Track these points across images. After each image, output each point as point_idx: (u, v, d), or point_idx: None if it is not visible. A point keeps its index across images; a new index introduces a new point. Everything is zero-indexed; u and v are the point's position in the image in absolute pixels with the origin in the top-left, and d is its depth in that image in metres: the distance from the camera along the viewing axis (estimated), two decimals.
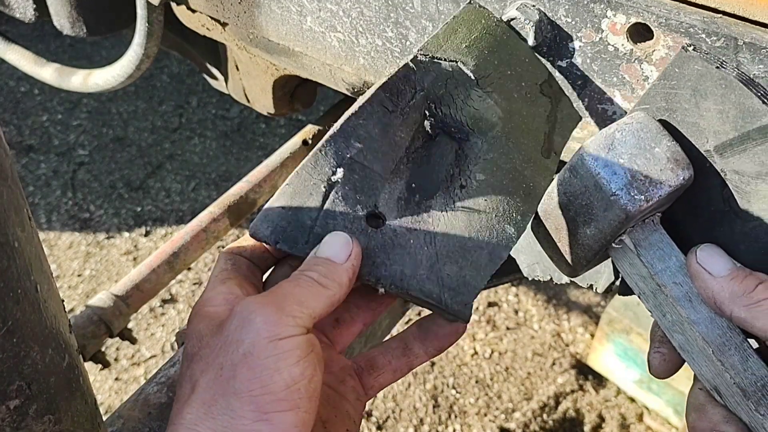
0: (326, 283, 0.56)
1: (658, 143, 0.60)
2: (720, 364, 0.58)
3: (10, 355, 0.46)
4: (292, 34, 0.95)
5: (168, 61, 3.54)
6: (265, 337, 0.51)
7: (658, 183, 0.59)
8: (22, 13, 1.31)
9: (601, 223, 0.61)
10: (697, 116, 0.61)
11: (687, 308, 0.60)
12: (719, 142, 0.60)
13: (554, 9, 0.70)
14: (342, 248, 0.58)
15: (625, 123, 0.61)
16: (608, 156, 0.60)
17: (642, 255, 0.62)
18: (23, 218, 0.47)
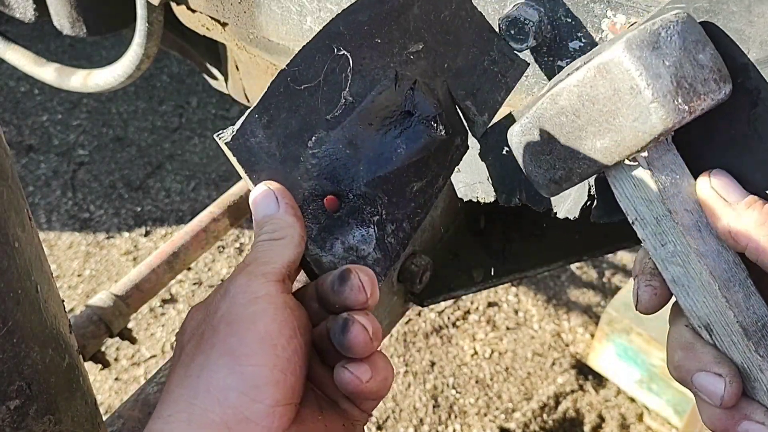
0: (277, 235, 0.58)
1: (703, 49, 0.53)
2: (725, 301, 0.54)
3: (11, 355, 0.46)
4: (293, 34, 0.95)
5: (168, 61, 3.54)
6: (240, 302, 0.53)
7: (702, 94, 0.52)
8: (22, 13, 1.31)
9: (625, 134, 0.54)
10: (744, 22, 0.54)
11: (696, 238, 0.55)
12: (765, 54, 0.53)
13: (554, 9, 0.70)
14: (268, 199, 0.60)
15: (670, 21, 0.53)
16: (652, 56, 0.52)
17: (656, 176, 0.56)
18: (23, 218, 0.47)
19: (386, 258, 0.67)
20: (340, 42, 0.65)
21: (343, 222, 0.66)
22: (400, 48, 0.68)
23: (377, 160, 0.66)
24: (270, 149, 0.63)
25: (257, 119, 0.63)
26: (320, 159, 0.65)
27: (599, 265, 2.74)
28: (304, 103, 0.64)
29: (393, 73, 0.67)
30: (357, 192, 0.66)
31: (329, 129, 0.65)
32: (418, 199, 0.69)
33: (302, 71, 0.64)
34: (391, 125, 0.67)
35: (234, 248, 2.76)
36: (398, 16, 0.68)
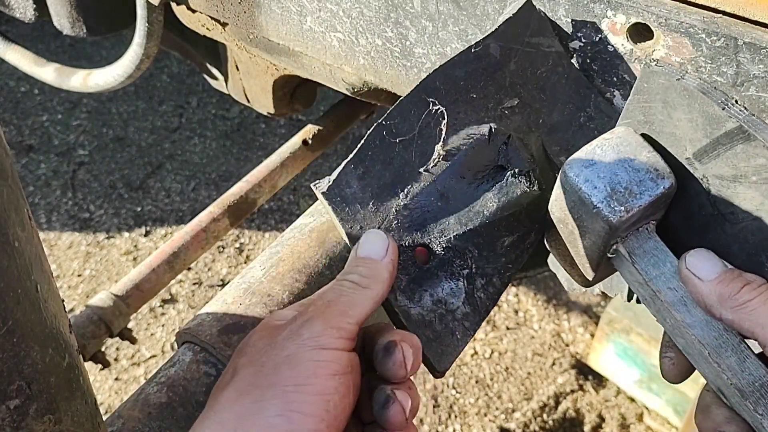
0: (367, 283, 0.60)
1: (638, 155, 0.62)
2: (717, 366, 0.59)
3: (10, 354, 0.46)
4: (292, 34, 0.95)
5: (168, 61, 3.54)
6: (309, 346, 0.55)
7: (638, 194, 0.61)
8: (22, 13, 1.31)
9: (593, 234, 0.63)
10: (672, 126, 0.62)
11: (682, 312, 0.61)
12: (695, 149, 0.61)
13: (554, 9, 0.70)
14: (380, 245, 0.62)
15: (605, 138, 0.64)
16: (589, 171, 0.62)
17: (637, 262, 0.63)
18: (23, 218, 0.47)
19: (475, 313, 0.67)
20: (436, 97, 0.67)
21: (433, 274, 0.66)
22: (495, 103, 0.70)
23: (468, 213, 0.67)
24: (364, 199, 0.65)
25: (353, 170, 0.65)
26: (412, 210, 0.66)
27: None
28: (398, 155, 0.66)
29: (487, 128, 0.68)
30: (447, 244, 0.67)
31: (422, 181, 0.66)
32: (509, 254, 0.70)
33: (398, 124, 0.66)
34: (484, 179, 0.68)
35: (234, 248, 2.76)
36: (494, 72, 0.69)
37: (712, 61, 0.63)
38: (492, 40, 0.68)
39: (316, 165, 3.06)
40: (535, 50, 0.70)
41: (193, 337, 0.94)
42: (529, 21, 0.69)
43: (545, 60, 0.71)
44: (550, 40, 0.71)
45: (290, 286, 1.00)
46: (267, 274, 1.02)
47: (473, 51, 0.68)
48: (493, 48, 0.68)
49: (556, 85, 0.72)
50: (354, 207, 0.65)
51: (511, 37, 0.69)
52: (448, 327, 0.66)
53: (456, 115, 0.68)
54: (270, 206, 2.92)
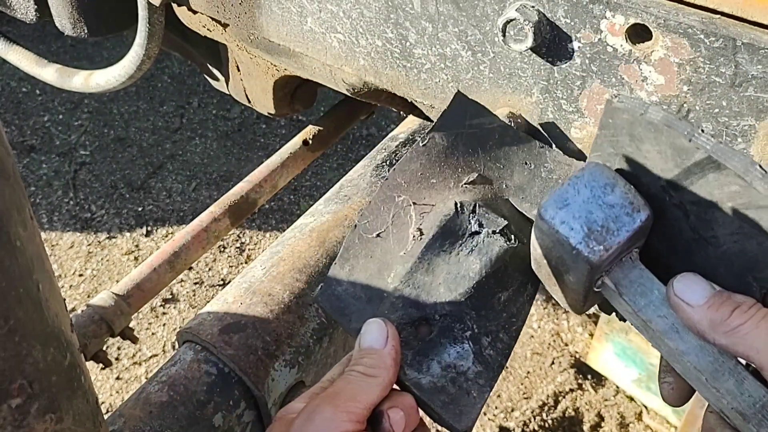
0: (373, 372, 0.63)
1: (611, 191, 0.62)
2: (716, 391, 0.58)
3: (12, 353, 0.47)
4: (293, 34, 0.95)
5: (169, 62, 3.54)
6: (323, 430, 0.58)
7: (615, 230, 0.61)
8: (23, 14, 1.31)
9: (576, 272, 0.63)
10: (642, 158, 0.62)
11: (675, 340, 0.60)
12: (668, 178, 0.61)
13: (553, 10, 0.70)
14: (379, 334, 0.65)
15: (577, 177, 0.63)
16: (563, 212, 0.62)
17: (623, 293, 0.63)
18: (25, 218, 0.47)
19: (488, 369, 0.70)
20: (400, 190, 0.74)
21: (436, 343, 0.69)
22: (456, 181, 0.75)
23: (456, 279, 0.71)
24: (356, 293, 0.71)
25: (339, 270, 0.72)
26: (402, 291, 0.70)
27: None
28: (378, 247, 0.72)
29: (452, 203, 0.72)
30: (442, 312, 0.70)
31: (405, 263, 0.71)
32: (509, 308, 0.72)
33: (372, 221, 0.73)
34: (462, 246, 0.72)
35: (235, 248, 2.76)
36: (447, 157, 0.76)
37: (710, 61, 0.63)
38: (436, 132, 0.76)
39: (316, 165, 3.07)
40: (479, 129, 0.76)
41: (194, 337, 0.94)
42: (465, 108, 0.76)
43: (491, 135, 0.76)
44: (489, 118, 0.77)
45: (291, 285, 1.01)
46: (268, 274, 1.03)
47: (422, 145, 0.75)
48: (439, 137, 0.76)
49: (509, 152, 0.76)
50: (348, 301, 0.70)
51: (452, 125, 0.76)
52: (462, 388, 0.69)
53: (422, 200, 0.74)
54: (271, 206, 2.92)
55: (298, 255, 1.04)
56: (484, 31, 0.76)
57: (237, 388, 0.92)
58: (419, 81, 0.87)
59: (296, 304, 0.99)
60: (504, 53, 0.76)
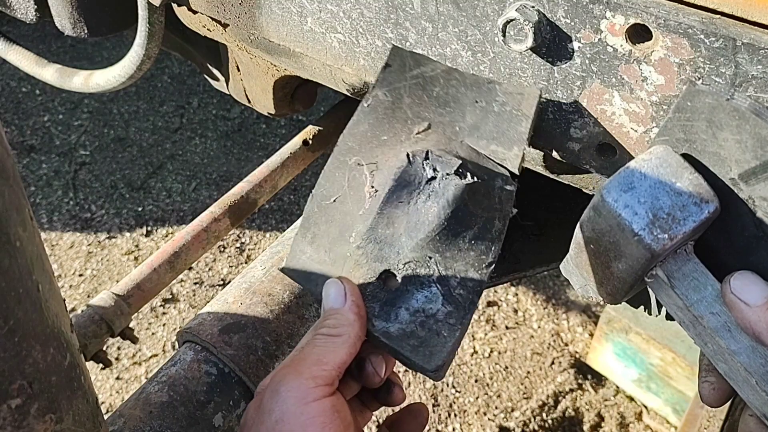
0: (336, 331, 0.63)
1: (680, 177, 0.59)
2: (765, 395, 0.56)
3: (12, 354, 0.47)
4: (293, 35, 0.95)
5: (169, 62, 3.54)
6: (292, 403, 0.57)
7: (682, 219, 0.58)
8: (23, 14, 1.31)
9: (632, 260, 0.60)
10: (716, 146, 0.59)
11: (726, 338, 0.58)
12: (742, 170, 0.58)
13: (553, 10, 0.70)
14: (337, 293, 0.65)
15: (644, 159, 0.60)
16: (628, 196, 0.59)
17: (676, 287, 0.60)
18: (25, 218, 0.47)
19: (459, 308, 0.69)
20: (352, 153, 0.73)
21: (402, 291, 0.69)
22: (407, 134, 0.74)
23: (416, 226, 0.70)
24: (320, 258, 0.71)
25: (302, 240, 0.72)
26: (365, 248, 0.70)
27: None
28: (336, 211, 0.72)
29: (404, 154, 0.72)
30: (406, 260, 0.69)
31: (365, 221, 0.70)
32: (476, 246, 0.71)
33: (328, 188, 0.73)
34: (420, 194, 0.71)
35: (235, 248, 2.76)
36: (393, 112, 0.75)
37: (710, 61, 0.63)
38: (377, 89, 0.75)
39: (316, 165, 3.06)
40: (421, 79, 0.75)
41: (194, 337, 0.94)
42: (404, 60, 0.76)
43: (435, 81, 0.75)
44: (431, 65, 0.76)
45: (291, 285, 1.01)
46: (268, 274, 1.03)
47: (366, 105, 0.74)
48: (382, 94, 0.75)
49: (457, 95, 0.75)
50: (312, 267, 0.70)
51: (393, 80, 0.75)
52: (432, 330, 0.68)
53: (375, 159, 0.73)
54: (271, 206, 2.92)
55: None
56: (484, 32, 0.76)
57: (237, 388, 0.92)
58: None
59: (296, 304, 0.99)
60: (504, 53, 0.76)
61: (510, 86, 0.74)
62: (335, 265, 0.70)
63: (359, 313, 0.65)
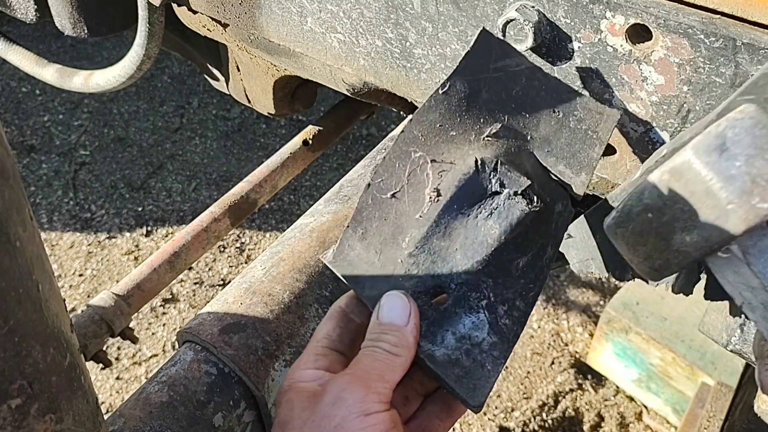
0: (397, 351, 0.62)
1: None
2: None
3: (12, 354, 0.47)
4: (293, 35, 0.95)
5: (169, 62, 3.54)
6: (355, 413, 0.57)
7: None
8: (23, 14, 1.31)
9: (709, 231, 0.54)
10: None
11: None
12: None
13: (553, 10, 0.70)
14: (402, 311, 0.63)
15: (736, 119, 0.53)
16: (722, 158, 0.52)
17: (752, 264, 0.55)
18: (25, 218, 0.47)
19: (503, 341, 0.67)
20: (416, 145, 0.68)
21: (451, 313, 0.66)
22: (477, 134, 0.70)
23: (473, 245, 0.67)
24: (369, 258, 0.66)
25: (353, 234, 0.67)
26: (417, 257, 0.66)
27: None
28: (392, 208, 0.67)
29: (473, 160, 0.67)
30: (459, 281, 0.66)
31: (421, 227, 0.67)
32: (527, 274, 0.68)
33: (386, 180, 0.68)
34: (481, 208, 0.67)
35: (235, 248, 2.76)
36: (468, 105, 0.69)
37: (710, 61, 0.63)
38: (457, 77, 0.69)
39: (316, 165, 3.07)
40: (504, 73, 0.70)
41: (194, 337, 0.94)
42: (490, 48, 0.70)
43: (517, 79, 0.71)
44: (517, 59, 0.71)
45: (291, 285, 1.01)
46: (268, 274, 1.02)
47: (441, 92, 0.69)
48: (460, 83, 0.69)
49: (536, 99, 0.71)
50: (361, 267, 0.66)
51: (475, 69, 0.70)
52: (476, 360, 0.66)
53: (441, 157, 0.68)
54: (270, 206, 2.92)
55: (298, 255, 1.04)
56: None
57: (237, 388, 0.92)
58: (419, 81, 0.87)
59: (296, 304, 0.99)
60: None
61: (591, 102, 0.72)
62: (385, 269, 0.67)
63: (417, 337, 0.64)
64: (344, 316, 0.68)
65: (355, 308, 0.68)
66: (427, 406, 0.70)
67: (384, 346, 0.62)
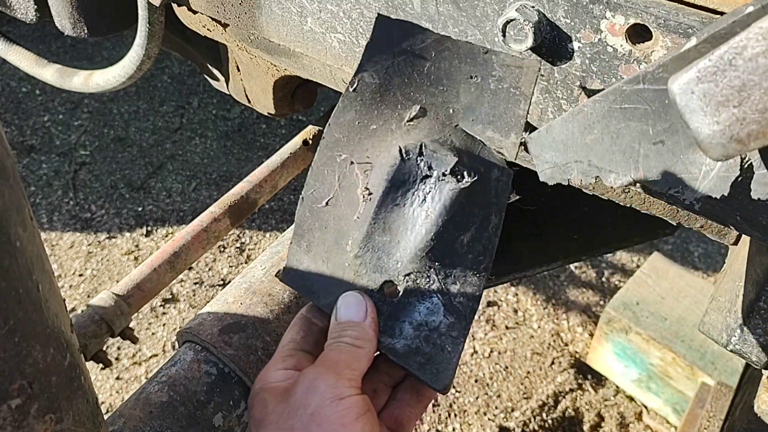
0: (360, 344, 0.65)
1: None
2: None
3: (12, 354, 0.47)
4: (293, 35, 0.95)
5: (169, 62, 3.54)
6: (329, 398, 0.60)
7: None
8: (23, 14, 1.31)
9: None
10: None
11: None
12: None
13: (553, 10, 0.70)
14: (359, 307, 0.67)
15: None
16: None
17: None
18: (25, 218, 0.47)
19: (460, 318, 0.68)
20: (340, 148, 0.69)
21: (405, 303, 0.68)
22: (397, 121, 0.69)
23: (413, 234, 0.67)
24: (318, 267, 0.69)
25: (297, 249, 0.69)
26: (362, 257, 0.68)
27: (598, 265, 2.74)
28: (330, 215, 0.69)
29: (396, 149, 0.67)
30: (406, 272, 0.67)
31: (360, 227, 0.68)
32: (474, 248, 0.68)
33: (317, 189, 0.69)
34: (415, 195, 0.67)
35: (235, 248, 2.76)
36: (381, 95, 0.68)
37: None
38: (363, 71, 0.68)
39: None
40: (410, 53, 0.69)
41: (194, 337, 0.94)
42: (390, 32, 0.68)
43: (426, 54, 0.68)
44: (421, 35, 0.68)
45: None
46: (268, 274, 1.02)
47: (351, 90, 0.68)
48: (368, 76, 0.68)
49: (450, 69, 0.68)
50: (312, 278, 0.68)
51: (380, 58, 0.68)
52: (436, 345, 0.67)
53: (365, 153, 0.68)
54: (270, 206, 2.92)
55: None
56: (484, 32, 0.76)
57: (237, 388, 0.92)
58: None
59: (296, 304, 0.99)
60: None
61: (508, 57, 0.68)
62: (334, 275, 0.69)
63: (376, 330, 0.67)
64: (307, 321, 0.71)
65: (316, 314, 0.71)
66: (397, 395, 0.72)
67: (346, 340, 0.65)
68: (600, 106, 0.61)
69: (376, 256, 0.68)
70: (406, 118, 0.69)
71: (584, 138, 0.62)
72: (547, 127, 0.64)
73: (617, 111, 0.60)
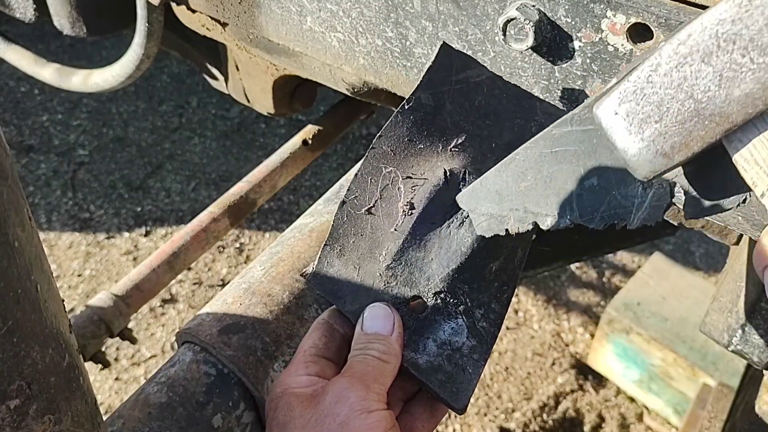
0: (387, 358, 0.65)
1: None
2: None
3: (10, 354, 0.46)
4: (292, 34, 0.95)
5: (168, 61, 3.54)
6: (358, 410, 0.60)
7: None
8: (22, 13, 1.31)
9: None
10: None
11: None
12: None
13: (554, 9, 0.70)
14: (387, 321, 0.67)
15: None
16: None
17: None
18: (23, 218, 0.47)
19: (482, 343, 0.70)
20: (386, 160, 0.71)
21: (431, 320, 0.69)
22: (444, 145, 0.72)
23: (447, 254, 0.70)
24: (348, 274, 0.70)
25: (330, 251, 0.70)
26: (394, 269, 0.70)
27: (599, 265, 2.74)
28: (367, 223, 0.71)
29: (441, 172, 0.71)
30: (436, 289, 0.69)
31: (396, 240, 0.70)
32: (500, 277, 0.71)
33: (359, 197, 0.71)
34: (453, 218, 0.70)
35: (234, 248, 2.76)
36: (434, 118, 0.72)
37: None
38: (421, 91, 0.72)
39: (316, 165, 3.06)
40: (466, 84, 0.73)
41: (193, 337, 0.94)
42: (451, 61, 0.72)
43: (479, 89, 0.73)
44: (477, 69, 0.73)
45: (290, 286, 1.00)
46: (267, 274, 1.02)
47: (407, 107, 0.71)
48: (425, 97, 0.72)
49: (498, 108, 0.74)
50: (341, 283, 0.69)
51: (438, 82, 0.72)
52: (458, 365, 0.69)
53: (410, 170, 0.71)
54: (270, 206, 2.92)
55: (297, 255, 1.04)
56: (485, 31, 0.76)
57: (236, 388, 0.92)
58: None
59: (296, 304, 0.99)
60: (504, 52, 0.76)
61: (549, 106, 0.73)
62: (364, 283, 0.70)
63: (401, 345, 0.67)
64: (329, 327, 0.71)
65: (338, 320, 0.71)
66: (411, 409, 0.72)
67: (373, 353, 0.65)
68: (531, 152, 0.64)
69: (408, 270, 0.69)
70: (452, 144, 0.72)
71: (518, 185, 0.64)
72: (480, 179, 0.68)
73: (548, 155, 0.63)
